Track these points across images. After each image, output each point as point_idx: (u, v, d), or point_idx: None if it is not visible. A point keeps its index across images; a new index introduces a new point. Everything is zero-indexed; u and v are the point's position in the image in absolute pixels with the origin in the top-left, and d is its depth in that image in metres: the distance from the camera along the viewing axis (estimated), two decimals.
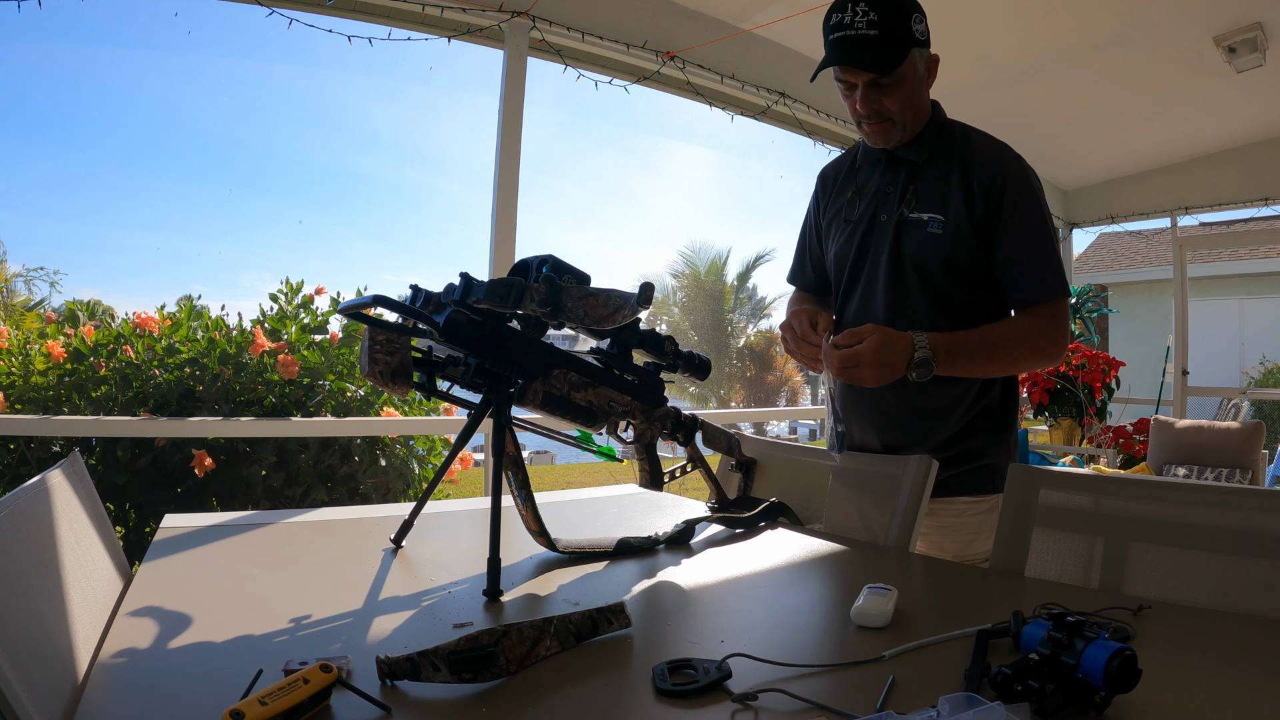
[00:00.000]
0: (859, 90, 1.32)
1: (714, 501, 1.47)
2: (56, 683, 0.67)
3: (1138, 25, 3.63)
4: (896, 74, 1.29)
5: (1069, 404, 5.07)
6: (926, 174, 1.39)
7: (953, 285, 1.37)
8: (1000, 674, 0.64)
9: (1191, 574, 1.02)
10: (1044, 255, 1.33)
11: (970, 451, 1.39)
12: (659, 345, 1.25)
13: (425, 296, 1.01)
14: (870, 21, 1.24)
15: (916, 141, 1.40)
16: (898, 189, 1.41)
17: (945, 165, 1.38)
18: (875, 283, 1.42)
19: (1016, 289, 1.35)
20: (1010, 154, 1.36)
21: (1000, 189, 1.32)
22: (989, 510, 1.37)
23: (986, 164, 1.34)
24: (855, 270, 1.46)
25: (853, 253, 1.46)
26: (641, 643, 0.81)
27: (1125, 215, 5.77)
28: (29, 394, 2.79)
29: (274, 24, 2.63)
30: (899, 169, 1.42)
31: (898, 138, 1.39)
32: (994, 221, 1.33)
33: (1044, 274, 1.33)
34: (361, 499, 2.93)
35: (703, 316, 15.13)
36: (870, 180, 1.47)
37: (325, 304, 3.21)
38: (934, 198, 1.37)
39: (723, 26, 3.45)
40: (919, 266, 1.37)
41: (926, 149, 1.40)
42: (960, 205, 1.34)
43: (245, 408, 2.86)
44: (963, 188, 1.34)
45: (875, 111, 1.33)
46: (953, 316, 1.37)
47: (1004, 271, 1.35)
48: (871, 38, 1.25)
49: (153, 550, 1.12)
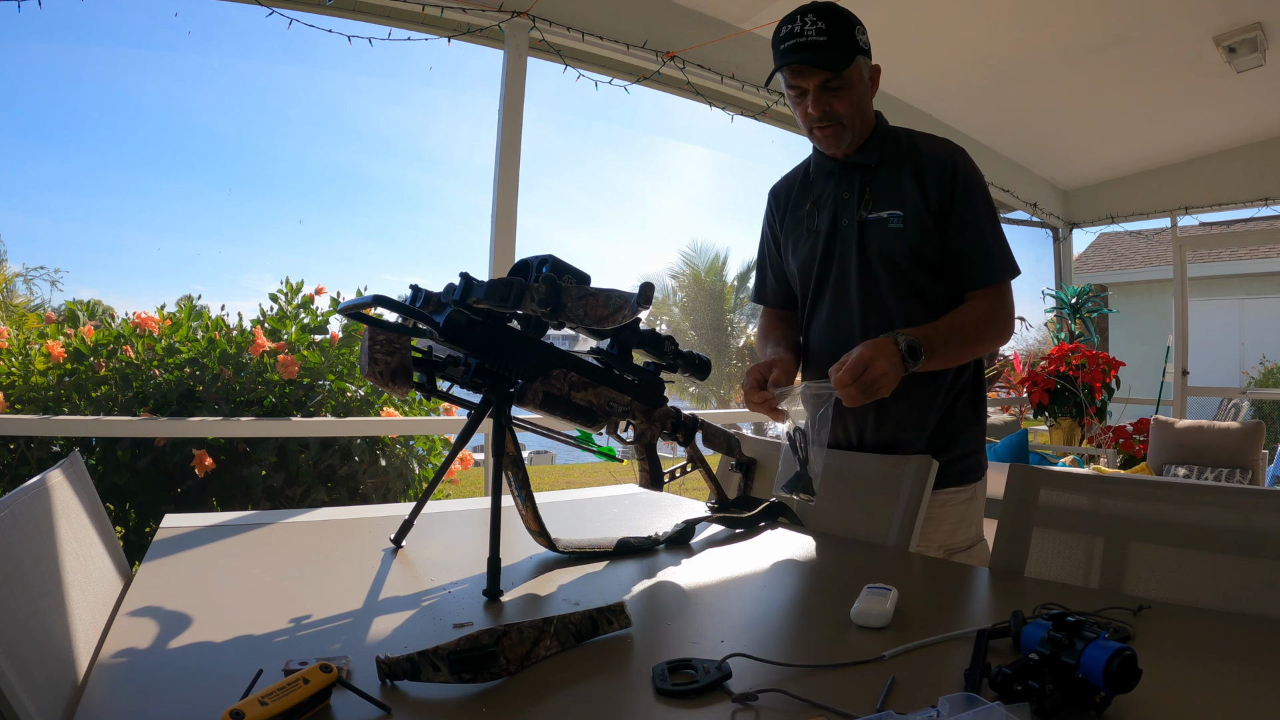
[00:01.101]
0: (810, 95, 1.39)
1: (714, 501, 1.47)
2: (56, 683, 0.67)
3: (1138, 25, 3.63)
4: (845, 76, 1.37)
5: (1069, 404, 5.07)
6: (879, 176, 1.46)
7: (920, 275, 1.43)
8: (1000, 674, 0.64)
9: (1191, 574, 1.02)
10: (992, 239, 1.42)
11: (950, 439, 1.45)
12: (659, 345, 1.25)
13: (425, 296, 1.01)
14: (819, 29, 1.33)
15: (865, 147, 1.47)
16: (854, 194, 1.48)
17: (896, 166, 1.45)
18: (846, 284, 1.48)
19: (967, 272, 1.42)
20: (955, 147, 1.45)
21: (950, 179, 1.41)
22: (969, 499, 1.46)
23: (935, 159, 1.43)
24: (823, 275, 1.52)
25: (819, 259, 1.52)
26: (641, 643, 0.81)
27: (1125, 215, 5.77)
28: (29, 394, 2.79)
29: (274, 24, 2.63)
30: (852, 175, 1.49)
31: (848, 142, 1.44)
32: (946, 210, 1.41)
33: (992, 256, 1.41)
34: (361, 499, 2.93)
35: (703, 316, 15.12)
36: (826, 190, 1.53)
37: (325, 304, 3.21)
38: (890, 196, 1.44)
39: (723, 26, 3.45)
40: (886, 261, 1.43)
41: (876, 153, 1.46)
42: (917, 199, 1.41)
43: (245, 408, 2.86)
44: (916, 183, 1.42)
45: (826, 114, 1.39)
46: (924, 306, 1.42)
47: (956, 256, 1.42)
48: (821, 43, 1.33)
49: (153, 550, 1.12)
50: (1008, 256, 1.42)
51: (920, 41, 3.82)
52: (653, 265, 23.12)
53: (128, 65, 20.25)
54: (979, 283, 1.41)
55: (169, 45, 19.30)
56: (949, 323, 1.36)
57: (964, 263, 1.42)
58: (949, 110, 4.66)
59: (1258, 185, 5.06)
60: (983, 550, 1.48)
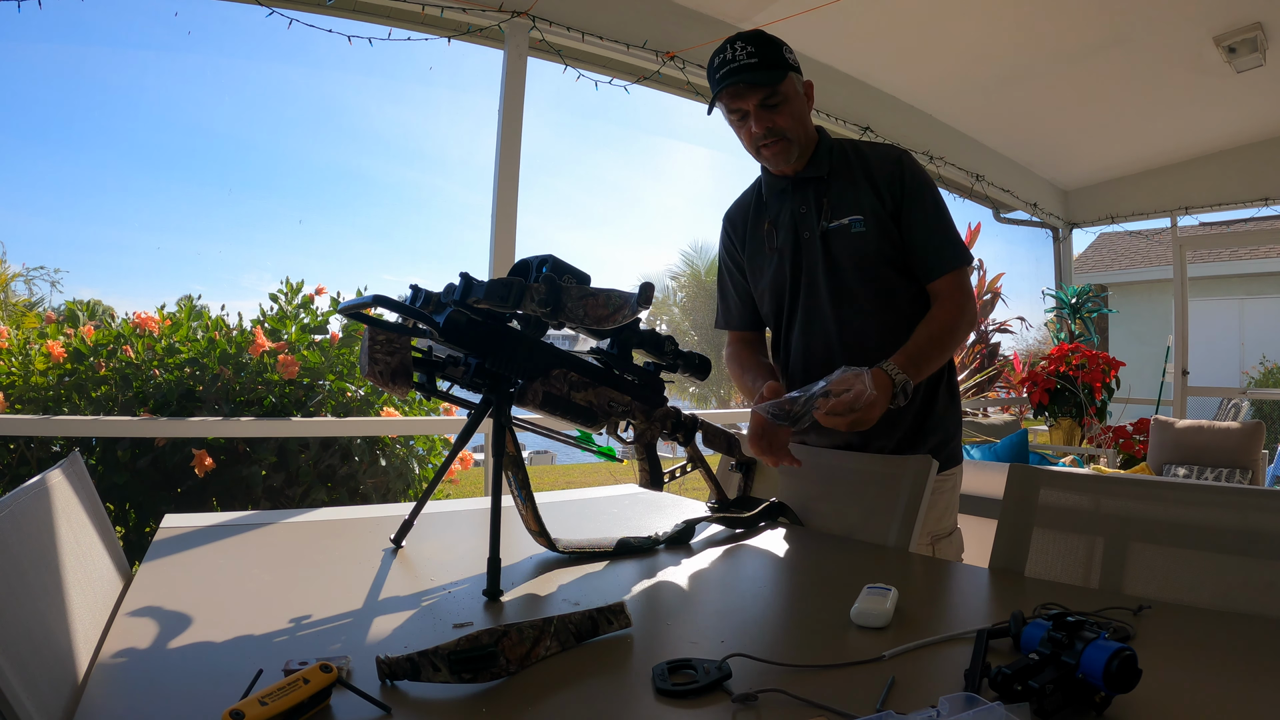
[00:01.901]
0: (751, 115, 1.43)
1: (714, 501, 1.47)
2: (56, 683, 0.67)
3: (1138, 25, 3.63)
4: (781, 92, 1.42)
5: (1069, 404, 5.07)
6: (833, 187, 1.50)
7: (890, 273, 1.47)
8: (1000, 674, 0.64)
9: (1191, 574, 1.02)
10: (943, 231, 1.47)
11: (932, 426, 1.49)
12: (659, 345, 1.25)
13: (425, 296, 1.01)
14: (750, 53, 1.40)
15: (815, 160, 1.51)
16: (811, 207, 1.51)
17: (847, 175, 1.50)
18: (817, 295, 1.50)
19: (924, 264, 1.47)
20: (900, 150, 1.52)
21: (900, 179, 1.46)
22: (953, 487, 1.52)
23: (884, 162, 1.49)
24: (794, 290, 1.54)
25: (788, 275, 1.54)
26: (641, 643, 0.81)
27: (1125, 215, 5.77)
28: (29, 394, 2.79)
29: (274, 24, 2.63)
30: (806, 189, 1.52)
31: (795, 156, 1.48)
32: (899, 209, 1.46)
33: (945, 247, 1.46)
34: (361, 499, 2.93)
35: (703, 316, 15.12)
36: (782, 209, 1.55)
37: (325, 304, 3.21)
38: (847, 204, 1.48)
39: (723, 26, 3.45)
40: (856, 264, 1.47)
41: (825, 165, 1.50)
42: (873, 201, 1.46)
43: (245, 408, 2.86)
44: (870, 186, 1.47)
45: (770, 130, 1.43)
46: (896, 304, 1.47)
47: (912, 250, 1.47)
48: (753, 64, 1.39)
49: (153, 550, 1.12)
50: (959, 244, 1.47)
51: (920, 42, 3.82)
52: (653, 265, 23.12)
53: (128, 65, 20.25)
54: (938, 272, 1.46)
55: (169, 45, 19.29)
56: (925, 336, 1.39)
57: (921, 255, 1.46)
58: (949, 110, 4.67)
59: (1258, 185, 5.06)
60: (958, 538, 1.52)
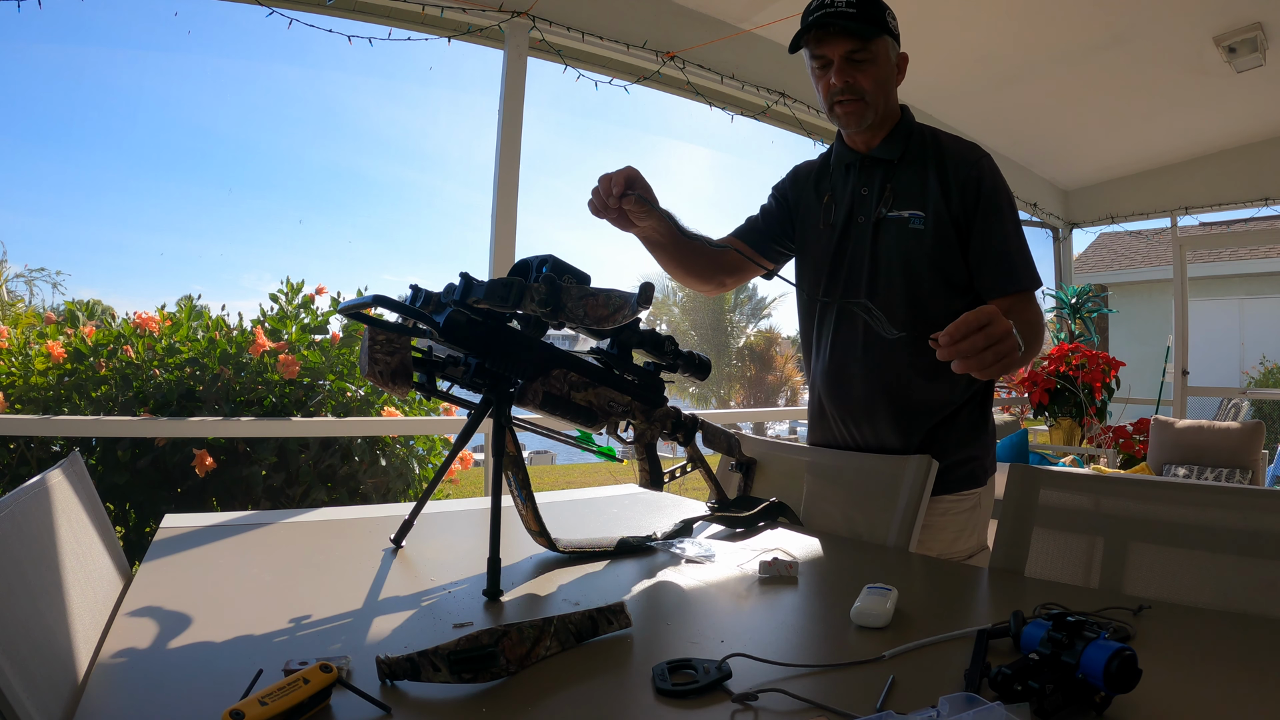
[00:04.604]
0: (834, 66, 1.34)
1: (714, 501, 1.47)
2: (56, 683, 0.67)
3: (1138, 25, 3.63)
4: (871, 50, 1.33)
5: (1069, 404, 5.07)
6: (902, 173, 1.41)
7: (935, 283, 1.38)
8: (1000, 674, 0.64)
9: (1191, 574, 1.02)
10: (1019, 248, 1.36)
11: (954, 445, 1.42)
12: (659, 345, 1.25)
13: (425, 296, 1.01)
14: (850, 2, 1.30)
15: (890, 140, 1.42)
16: (874, 190, 1.43)
17: (920, 164, 1.40)
18: (856, 289, 1.44)
19: (994, 278, 1.36)
20: (981, 151, 1.40)
21: (976, 183, 1.36)
22: (972, 508, 1.43)
23: (961, 160, 1.38)
24: (833, 275, 1.48)
25: (830, 258, 1.47)
26: (641, 643, 0.81)
27: (1125, 215, 5.77)
28: (29, 394, 2.79)
29: (274, 24, 2.64)
30: (874, 171, 1.44)
31: (869, 122, 1.39)
32: (971, 215, 1.36)
33: (1019, 264, 1.35)
34: (361, 499, 2.93)
35: (703, 316, 15.13)
36: (846, 185, 1.48)
37: (325, 304, 3.21)
38: (912, 195, 1.39)
39: (723, 26, 3.45)
40: (902, 265, 1.39)
41: (900, 147, 1.41)
42: (939, 200, 1.36)
43: (245, 408, 2.86)
44: (940, 184, 1.37)
45: (849, 85, 1.35)
46: (930, 314, 1.37)
47: (981, 261, 1.36)
48: (850, 13, 1.30)
49: (153, 550, 1.12)
50: (1033, 267, 1.37)
51: (920, 42, 3.81)
52: (652, 265, 23.21)
53: (128, 65, 20.27)
54: (1008, 290, 1.34)
55: (169, 45, 19.30)
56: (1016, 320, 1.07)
57: (989, 269, 1.35)
58: (949, 110, 4.66)
59: (1257, 185, 5.06)
60: (984, 559, 1.42)
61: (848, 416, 1.49)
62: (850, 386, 1.46)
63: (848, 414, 1.48)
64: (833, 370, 1.48)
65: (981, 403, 1.47)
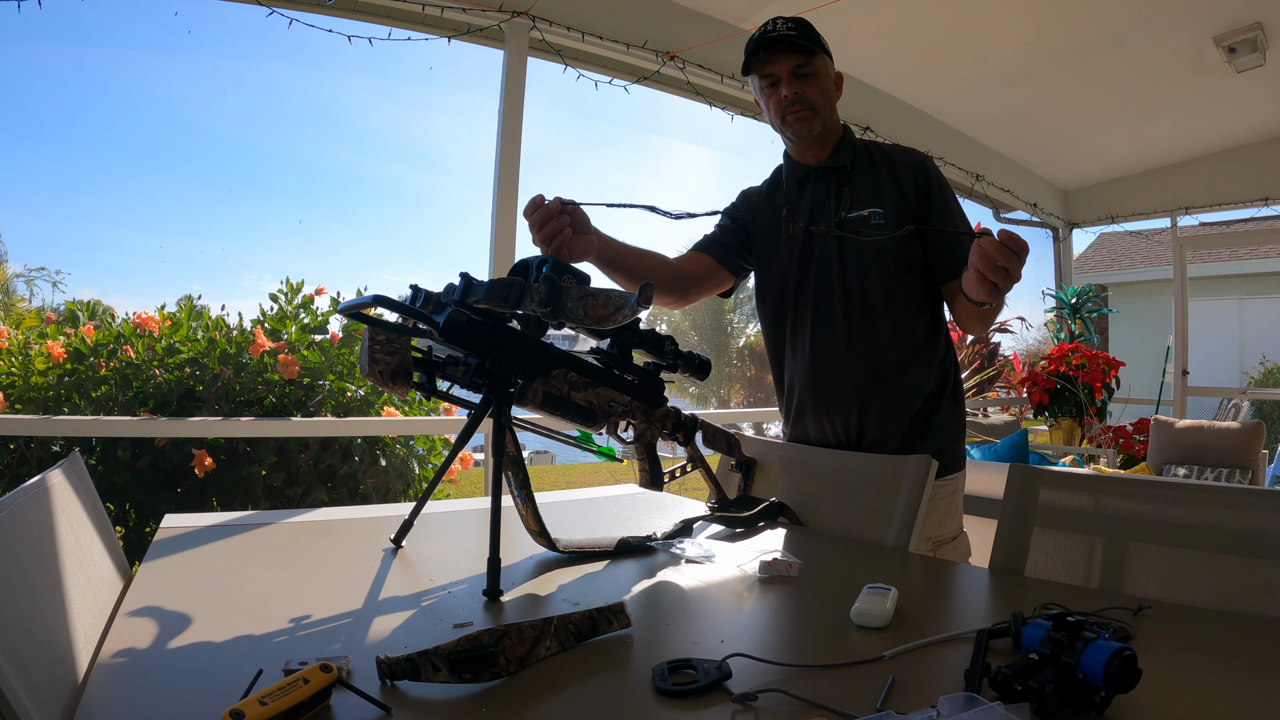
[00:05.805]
0: (782, 81, 1.47)
1: (714, 501, 1.47)
2: (56, 683, 0.67)
3: (1138, 25, 3.63)
4: (814, 65, 1.47)
5: (1069, 404, 5.07)
6: (855, 179, 1.52)
7: (903, 271, 1.48)
8: (1000, 674, 0.64)
9: (1191, 574, 1.02)
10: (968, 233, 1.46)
11: (935, 430, 1.50)
12: (659, 345, 1.25)
13: (425, 296, 1.01)
14: (789, 26, 1.46)
15: (839, 150, 1.54)
16: (831, 196, 1.52)
17: (870, 170, 1.52)
18: (828, 287, 1.51)
19: (949, 266, 1.47)
20: (924, 154, 1.56)
21: (926, 180, 1.49)
22: (954, 492, 1.53)
23: (909, 162, 1.52)
24: (803, 274, 1.54)
25: (796, 266, 1.55)
26: (641, 643, 0.81)
27: (1125, 215, 5.77)
28: (29, 394, 2.79)
29: (274, 24, 2.64)
30: (829, 180, 1.54)
31: (819, 129, 1.50)
32: (923, 209, 1.48)
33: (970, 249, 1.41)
34: (361, 499, 2.93)
35: (703, 316, 15.14)
36: (802, 197, 1.57)
37: (325, 304, 3.21)
38: (868, 197, 1.50)
39: (723, 26, 3.45)
40: (873, 255, 1.48)
41: (849, 156, 1.53)
42: (896, 197, 1.48)
43: (245, 408, 2.86)
44: (894, 183, 1.49)
45: (799, 96, 1.46)
46: (907, 303, 1.49)
47: (938, 247, 1.48)
48: (791, 35, 1.45)
49: (153, 550, 1.11)
50: None
51: (921, 42, 3.82)
52: None
53: (128, 65, 20.28)
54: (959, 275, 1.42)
55: (169, 45, 19.33)
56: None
57: (944, 257, 1.47)
58: (949, 110, 4.67)
59: (1258, 185, 5.06)
60: (964, 543, 1.52)
61: (834, 410, 1.53)
62: (835, 380, 1.52)
63: (834, 408, 1.53)
64: (816, 366, 1.54)
65: (954, 391, 1.56)
